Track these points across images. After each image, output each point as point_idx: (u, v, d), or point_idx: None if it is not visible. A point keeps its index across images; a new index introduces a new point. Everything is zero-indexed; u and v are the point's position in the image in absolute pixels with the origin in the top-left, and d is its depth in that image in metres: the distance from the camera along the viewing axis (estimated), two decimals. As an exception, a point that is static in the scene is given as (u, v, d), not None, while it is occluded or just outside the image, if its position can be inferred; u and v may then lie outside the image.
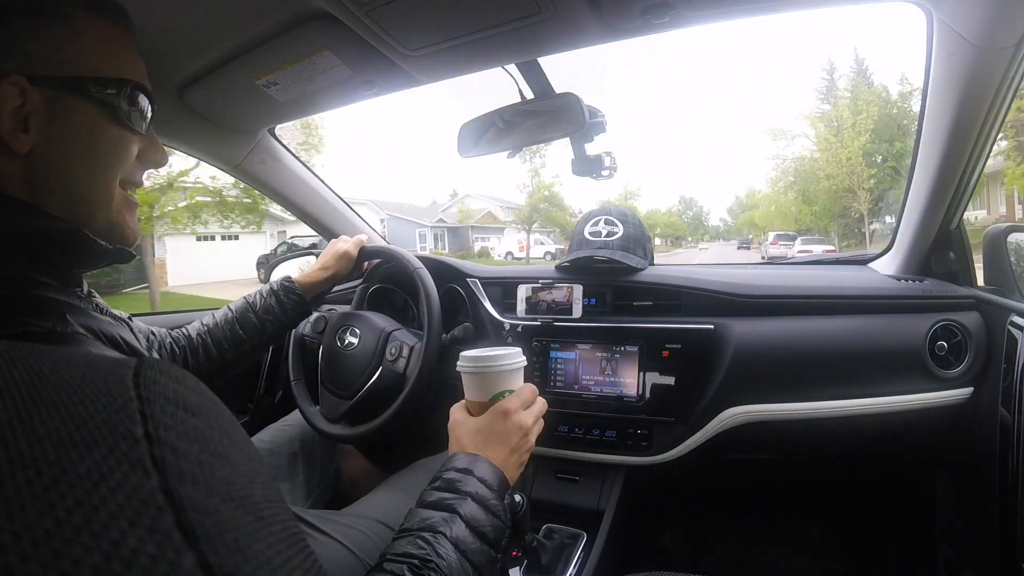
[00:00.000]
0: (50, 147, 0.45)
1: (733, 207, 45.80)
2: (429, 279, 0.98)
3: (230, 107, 0.97)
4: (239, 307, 0.89)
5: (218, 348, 0.85)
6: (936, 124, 0.84)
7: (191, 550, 0.18)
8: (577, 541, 0.90)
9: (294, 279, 0.93)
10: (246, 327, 0.87)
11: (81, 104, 0.46)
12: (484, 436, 0.55)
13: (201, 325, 0.87)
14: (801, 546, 1.27)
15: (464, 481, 0.50)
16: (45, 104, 0.44)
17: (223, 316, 0.88)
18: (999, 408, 0.82)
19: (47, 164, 0.45)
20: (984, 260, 0.97)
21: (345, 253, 0.99)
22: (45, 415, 0.18)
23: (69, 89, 0.45)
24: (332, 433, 0.97)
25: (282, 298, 0.90)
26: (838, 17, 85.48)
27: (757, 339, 0.94)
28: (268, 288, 0.92)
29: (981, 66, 0.72)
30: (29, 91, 0.43)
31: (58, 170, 0.46)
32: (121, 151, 0.49)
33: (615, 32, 0.72)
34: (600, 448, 1.00)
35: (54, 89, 0.44)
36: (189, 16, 0.71)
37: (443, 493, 0.49)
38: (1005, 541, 0.79)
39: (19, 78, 0.42)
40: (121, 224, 0.50)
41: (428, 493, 0.50)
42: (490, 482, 0.51)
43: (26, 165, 0.44)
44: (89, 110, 0.46)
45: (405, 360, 0.96)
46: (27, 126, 0.43)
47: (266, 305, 0.89)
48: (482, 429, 0.55)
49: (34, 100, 0.43)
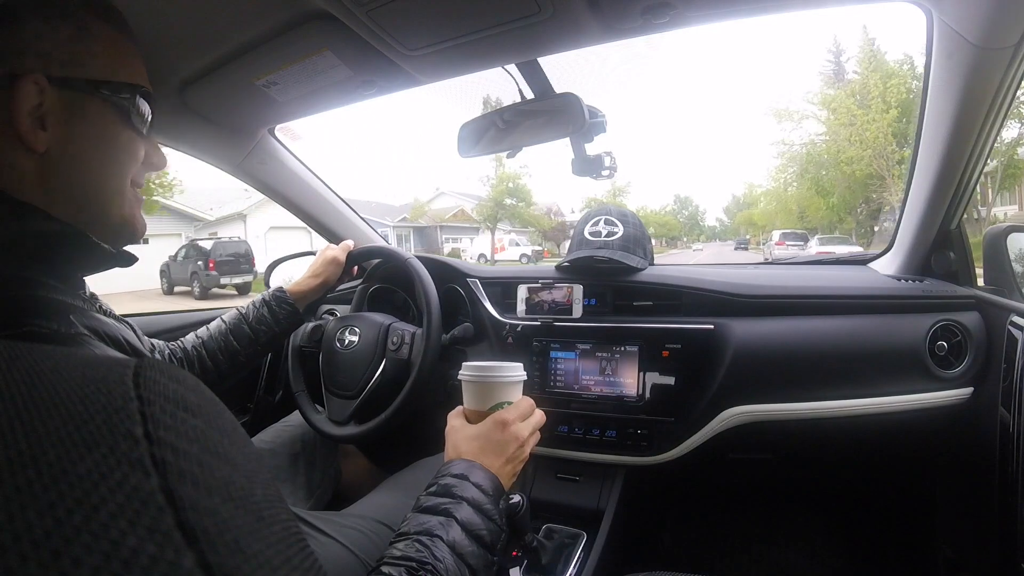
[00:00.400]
0: (66, 147, 0.46)
1: (730, 206, 44.24)
2: (422, 267, 0.99)
3: (230, 107, 0.97)
4: (232, 318, 0.90)
5: (213, 360, 0.86)
6: (936, 124, 0.84)
7: (191, 550, 0.18)
8: (577, 541, 0.90)
9: (285, 289, 0.94)
10: (240, 338, 0.88)
11: (96, 105, 0.48)
12: (481, 443, 0.56)
13: (195, 337, 0.88)
14: (801, 546, 1.27)
15: (460, 486, 0.51)
16: (62, 104, 0.45)
17: (217, 328, 0.89)
18: (999, 408, 0.82)
19: (63, 163, 0.46)
20: (984, 260, 0.97)
21: (334, 258, 1.00)
22: (45, 415, 0.18)
23: (85, 90, 0.47)
24: (342, 435, 0.96)
25: (274, 308, 0.91)
26: (837, 17, 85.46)
27: (757, 339, 0.94)
28: (260, 298, 0.93)
29: (981, 66, 0.72)
30: (47, 90, 0.44)
31: (74, 169, 0.47)
32: (132, 151, 0.51)
33: (615, 32, 0.72)
34: (600, 448, 1.00)
35: (71, 90, 0.46)
36: (189, 16, 0.71)
37: (439, 498, 0.50)
38: (1005, 541, 0.79)
39: (39, 76, 0.43)
40: (132, 219, 0.52)
41: (425, 498, 0.51)
42: (486, 487, 0.52)
43: (42, 164, 0.45)
44: (103, 112, 0.48)
45: (408, 347, 0.96)
46: (44, 125, 0.44)
47: (259, 315, 0.90)
48: (479, 436, 0.56)
49: (51, 99, 0.44)
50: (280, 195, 1.27)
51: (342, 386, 0.98)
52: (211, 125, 1.02)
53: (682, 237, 44.63)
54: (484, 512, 0.50)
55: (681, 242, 43.73)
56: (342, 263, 1.01)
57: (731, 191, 69.99)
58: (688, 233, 46.80)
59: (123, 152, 0.50)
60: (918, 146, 0.91)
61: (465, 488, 0.50)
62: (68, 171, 0.46)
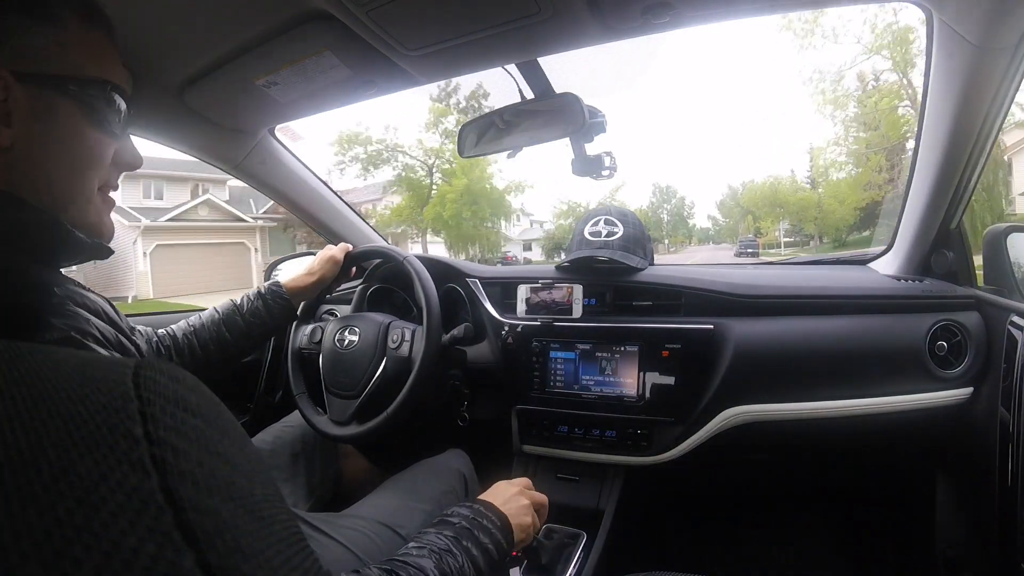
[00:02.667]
0: (31, 144, 0.45)
1: (725, 200, 34.06)
2: (420, 266, 0.99)
3: (230, 107, 0.97)
4: (226, 309, 0.90)
5: (204, 349, 0.85)
6: (936, 124, 0.84)
7: (191, 550, 0.18)
8: (577, 541, 0.90)
9: (282, 283, 0.94)
10: (232, 329, 0.87)
11: (63, 103, 0.46)
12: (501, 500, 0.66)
13: (187, 325, 0.87)
14: (801, 546, 1.27)
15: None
16: (28, 100, 0.44)
17: (210, 317, 0.88)
18: (999, 408, 0.82)
19: (27, 161, 0.45)
20: (984, 260, 0.97)
21: (331, 258, 1.00)
22: (45, 415, 0.18)
23: (52, 87, 0.46)
24: (344, 435, 0.96)
25: (268, 301, 0.91)
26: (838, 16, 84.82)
27: (757, 339, 0.94)
28: (256, 291, 0.93)
29: (981, 66, 0.72)
30: (13, 86, 0.43)
31: (39, 167, 0.46)
32: (99, 153, 0.50)
33: (615, 32, 0.72)
34: (600, 448, 1.00)
35: (37, 86, 0.45)
36: (189, 16, 0.71)
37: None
38: (1005, 541, 0.79)
39: (5, 72, 0.43)
40: (99, 224, 0.52)
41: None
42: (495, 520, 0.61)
43: (6, 161, 0.44)
44: (70, 110, 0.47)
45: (409, 343, 0.96)
46: (9, 122, 0.44)
47: (253, 308, 0.90)
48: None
49: (17, 95, 0.44)
50: (280, 195, 1.26)
51: (343, 386, 0.98)
52: (211, 125, 1.02)
53: (663, 240, 36.37)
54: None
55: (662, 245, 35.47)
56: (339, 263, 1.01)
57: (727, 182, 60.30)
58: (671, 234, 37.75)
59: (89, 153, 0.49)
60: (918, 146, 0.91)
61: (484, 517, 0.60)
62: (34, 169, 0.46)
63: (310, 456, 1.03)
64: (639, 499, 1.04)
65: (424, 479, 0.88)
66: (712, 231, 38.35)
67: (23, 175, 0.45)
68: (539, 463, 1.06)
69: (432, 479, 0.89)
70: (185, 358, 0.84)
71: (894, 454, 1.11)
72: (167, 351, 0.83)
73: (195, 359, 0.84)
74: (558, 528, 0.93)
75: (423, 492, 0.85)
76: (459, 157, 1.72)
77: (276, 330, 0.94)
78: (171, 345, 0.84)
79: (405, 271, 0.99)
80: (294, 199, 1.28)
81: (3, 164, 0.44)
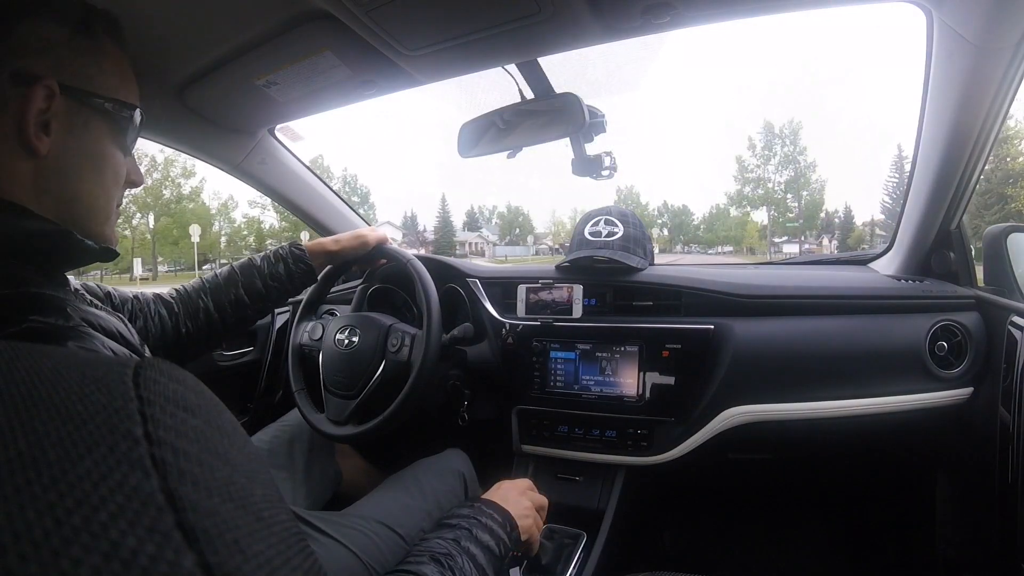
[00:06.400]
0: (64, 156, 0.46)
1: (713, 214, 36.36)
2: (422, 268, 0.99)
3: (230, 107, 0.97)
4: (245, 270, 0.87)
5: (220, 312, 0.83)
6: (936, 124, 0.84)
7: (191, 550, 0.18)
8: (577, 541, 0.90)
9: (303, 245, 0.92)
10: (251, 292, 0.86)
11: (96, 121, 0.48)
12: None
13: (202, 283, 0.85)
14: (801, 546, 1.27)
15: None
16: (67, 113, 0.46)
17: (227, 277, 0.86)
18: (999, 408, 0.82)
19: (58, 172, 0.46)
20: (984, 260, 0.97)
21: (362, 236, 0.98)
22: (45, 415, 0.18)
23: (91, 104, 0.47)
24: (341, 435, 0.96)
25: (291, 266, 0.89)
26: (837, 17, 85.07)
27: (757, 339, 0.94)
28: (275, 252, 0.91)
29: (981, 66, 0.72)
30: (57, 96, 0.44)
31: (67, 180, 0.47)
32: (120, 170, 0.52)
33: (615, 32, 0.72)
34: (600, 448, 1.00)
35: (77, 101, 0.46)
36: (189, 16, 0.71)
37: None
38: (1005, 541, 0.79)
39: (52, 82, 0.44)
40: (110, 235, 0.53)
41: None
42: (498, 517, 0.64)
43: (38, 170, 0.45)
44: (102, 127, 0.49)
45: (408, 348, 0.96)
46: (48, 130, 0.45)
47: (273, 271, 0.88)
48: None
49: (58, 106, 0.45)
50: (280, 195, 1.26)
51: (341, 386, 0.98)
52: (211, 125, 1.02)
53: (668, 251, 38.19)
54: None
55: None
56: (368, 246, 0.99)
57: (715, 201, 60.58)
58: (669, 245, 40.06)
59: (113, 169, 0.51)
60: (918, 146, 0.91)
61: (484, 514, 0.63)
62: (63, 179, 0.47)
63: (310, 456, 1.03)
64: (639, 499, 1.04)
65: (424, 479, 0.89)
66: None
67: (51, 185, 0.46)
68: (539, 463, 1.06)
69: (432, 479, 0.89)
70: (199, 321, 0.82)
71: (894, 454, 1.11)
72: (174, 318, 0.80)
73: (210, 322, 0.82)
74: (558, 528, 0.93)
75: (423, 492, 0.85)
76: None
77: (294, 294, 0.93)
78: (180, 311, 0.81)
79: (407, 273, 0.99)
80: (294, 199, 1.28)
81: (34, 172, 0.45)
